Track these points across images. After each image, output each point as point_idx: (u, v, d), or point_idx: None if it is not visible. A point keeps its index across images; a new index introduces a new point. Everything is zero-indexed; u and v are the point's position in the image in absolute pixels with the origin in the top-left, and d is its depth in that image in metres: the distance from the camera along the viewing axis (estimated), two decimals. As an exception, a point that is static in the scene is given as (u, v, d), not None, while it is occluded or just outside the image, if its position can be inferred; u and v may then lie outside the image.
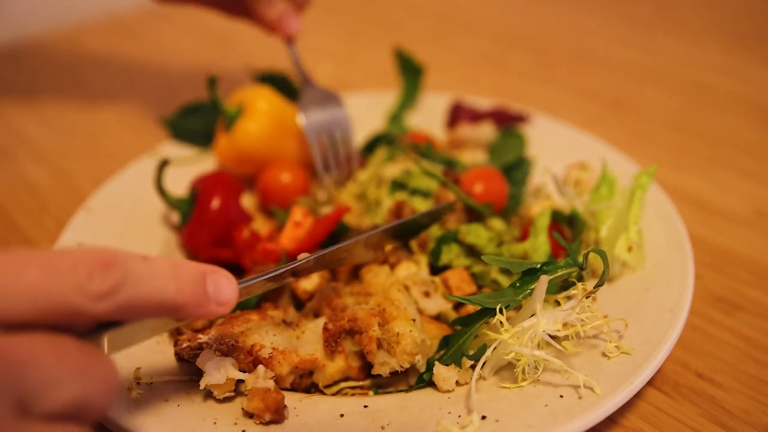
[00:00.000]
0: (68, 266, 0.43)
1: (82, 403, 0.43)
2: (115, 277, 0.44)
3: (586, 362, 0.67)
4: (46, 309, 0.42)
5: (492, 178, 0.94)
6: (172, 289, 0.49)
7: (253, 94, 1.00)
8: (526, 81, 1.48)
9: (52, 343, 0.43)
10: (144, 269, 0.47)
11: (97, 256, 0.44)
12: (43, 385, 0.41)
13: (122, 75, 1.51)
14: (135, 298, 0.46)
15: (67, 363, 0.43)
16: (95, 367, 0.44)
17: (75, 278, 0.43)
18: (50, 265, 0.42)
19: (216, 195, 0.89)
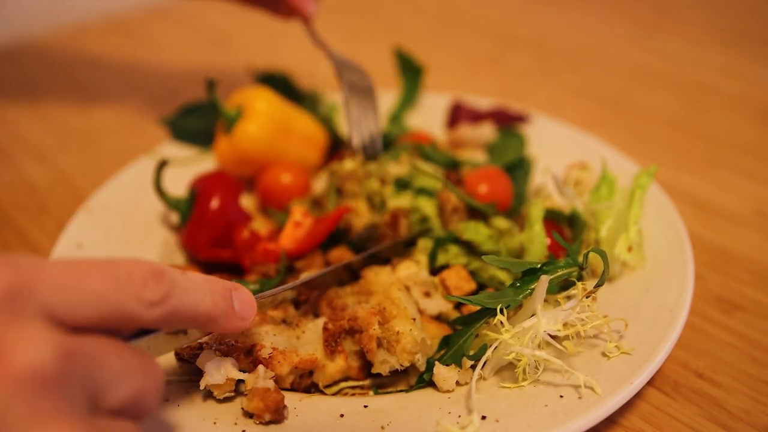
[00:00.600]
0: (126, 275, 0.46)
1: (139, 399, 0.47)
2: (166, 287, 0.48)
3: (586, 362, 0.67)
4: (106, 314, 0.45)
5: (497, 178, 0.94)
6: (209, 302, 0.54)
7: (252, 96, 1.00)
8: (526, 81, 1.48)
9: (112, 344, 0.46)
10: (187, 282, 0.51)
11: (149, 267, 0.48)
12: (109, 380, 0.45)
13: (122, 75, 1.51)
14: (180, 308, 0.50)
15: (127, 361, 0.46)
16: (148, 366, 0.48)
17: (133, 287, 0.47)
18: (111, 274, 0.46)
19: (215, 195, 0.89)
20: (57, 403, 0.40)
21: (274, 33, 1.65)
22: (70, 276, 0.44)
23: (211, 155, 1.06)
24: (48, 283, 0.43)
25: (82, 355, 0.43)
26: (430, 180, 0.91)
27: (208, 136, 1.07)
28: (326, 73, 1.34)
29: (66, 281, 0.44)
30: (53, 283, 0.43)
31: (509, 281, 0.79)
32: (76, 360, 0.42)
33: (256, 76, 1.16)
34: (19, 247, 0.99)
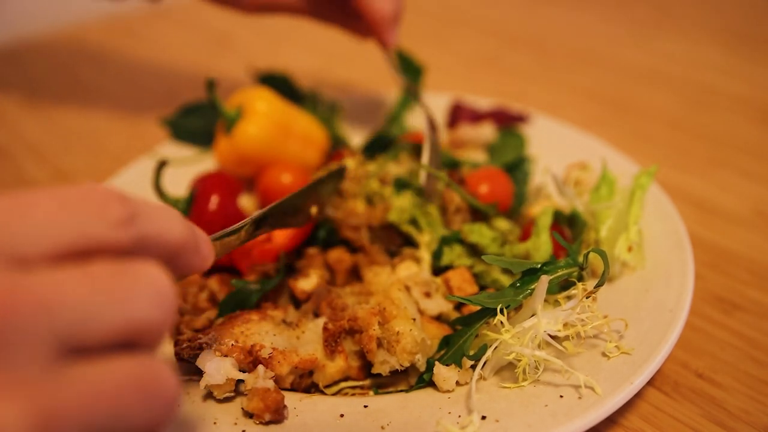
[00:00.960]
0: (80, 198, 0.40)
1: (134, 327, 0.39)
2: (131, 207, 0.42)
3: (586, 362, 0.67)
4: (68, 242, 0.39)
5: (497, 179, 0.94)
6: (178, 228, 0.46)
7: (252, 96, 1.00)
8: (526, 81, 1.48)
9: (80, 272, 0.38)
10: (151, 207, 0.45)
11: (107, 189, 0.42)
12: (77, 321, 0.37)
13: (122, 75, 1.51)
14: (149, 232, 0.43)
15: (102, 292, 0.38)
16: (136, 284, 0.40)
17: (91, 207, 0.40)
18: (61, 198, 0.39)
19: (213, 196, 0.89)
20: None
21: (274, 33, 1.65)
22: (14, 206, 0.38)
23: (211, 155, 1.06)
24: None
25: (32, 293, 0.36)
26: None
27: (208, 136, 1.07)
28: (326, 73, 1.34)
29: (10, 215, 0.37)
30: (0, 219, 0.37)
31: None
32: (24, 305, 0.35)
33: (256, 77, 1.16)
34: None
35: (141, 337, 0.40)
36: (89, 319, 0.37)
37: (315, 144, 1.05)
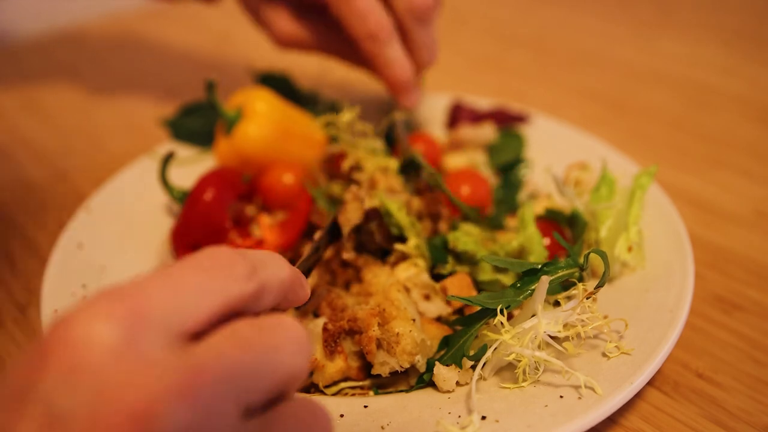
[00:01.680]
0: (214, 263, 0.45)
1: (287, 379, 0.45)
2: (249, 261, 0.47)
3: (586, 362, 0.67)
4: (217, 304, 0.44)
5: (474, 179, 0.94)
6: (285, 269, 0.52)
7: (252, 96, 1.00)
8: (526, 81, 1.48)
9: (234, 336, 0.43)
10: (261, 256, 0.50)
11: (226, 248, 0.47)
12: (248, 386, 0.42)
13: (122, 75, 1.51)
14: (268, 278, 0.48)
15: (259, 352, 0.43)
16: (282, 339, 0.45)
17: (224, 271, 0.45)
18: (201, 266, 0.45)
19: (204, 196, 0.88)
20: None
21: (274, 33, 1.65)
22: (168, 284, 0.42)
23: (211, 155, 1.06)
24: (156, 300, 0.41)
25: (208, 370, 0.40)
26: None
27: (208, 136, 1.07)
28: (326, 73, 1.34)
29: (168, 290, 0.42)
30: (160, 297, 0.41)
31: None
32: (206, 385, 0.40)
33: (256, 77, 1.16)
34: (19, 247, 0.99)
35: (291, 384, 0.46)
36: (256, 380, 0.42)
37: (315, 143, 1.05)
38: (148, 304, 0.40)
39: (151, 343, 0.39)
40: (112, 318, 0.39)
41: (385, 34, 0.94)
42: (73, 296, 0.79)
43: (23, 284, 0.92)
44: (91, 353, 0.38)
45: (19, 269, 0.95)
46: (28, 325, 0.85)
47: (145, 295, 0.41)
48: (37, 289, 0.83)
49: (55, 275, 0.81)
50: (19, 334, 0.84)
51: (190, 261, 0.45)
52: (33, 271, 0.94)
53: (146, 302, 0.41)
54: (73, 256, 0.85)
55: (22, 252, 0.98)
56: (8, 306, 0.88)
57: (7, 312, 0.88)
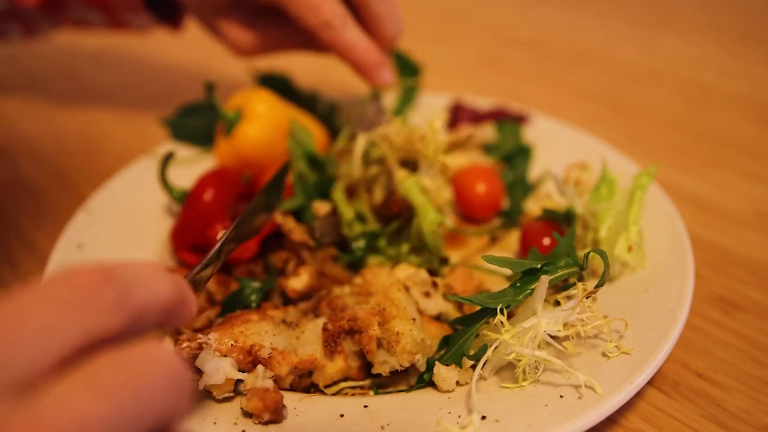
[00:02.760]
0: (69, 292, 0.38)
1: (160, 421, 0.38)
2: (118, 285, 0.39)
3: (586, 362, 0.67)
4: (66, 348, 0.36)
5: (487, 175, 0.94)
6: (166, 288, 0.44)
7: (251, 97, 1.00)
8: (526, 81, 1.48)
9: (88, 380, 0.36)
10: (135, 274, 0.42)
11: (90, 271, 0.39)
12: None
13: (122, 75, 1.51)
14: (143, 303, 0.41)
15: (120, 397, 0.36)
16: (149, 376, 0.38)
17: (82, 300, 0.38)
18: (50, 299, 0.37)
19: (202, 195, 0.88)
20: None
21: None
22: (6, 326, 0.35)
23: (211, 155, 1.06)
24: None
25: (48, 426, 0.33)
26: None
27: (208, 136, 1.07)
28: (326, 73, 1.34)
29: (5, 335, 0.35)
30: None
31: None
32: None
33: (256, 77, 1.16)
34: (19, 247, 0.99)
35: (171, 423, 0.39)
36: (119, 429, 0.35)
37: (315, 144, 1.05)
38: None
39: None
40: None
41: (339, 20, 0.95)
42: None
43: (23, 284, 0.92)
44: None
45: (19, 269, 0.95)
46: (28, 325, 0.85)
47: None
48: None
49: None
50: (18, 334, 0.84)
51: (38, 292, 0.37)
52: (33, 271, 0.93)
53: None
54: (73, 256, 0.85)
55: (22, 252, 0.98)
56: None
57: (6, 312, 0.87)
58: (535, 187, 1.01)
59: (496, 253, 0.82)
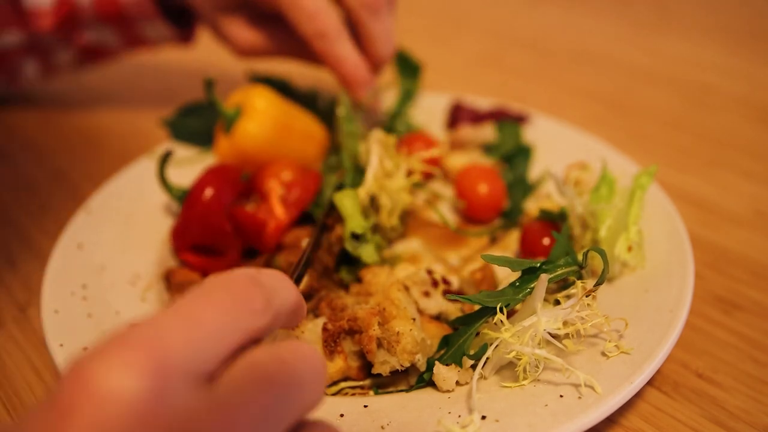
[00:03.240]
0: (232, 297, 0.44)
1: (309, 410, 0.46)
2: (265, 291, 0.46)
3: (586, 362, 0.67)
4: (235, 342, 0.43)
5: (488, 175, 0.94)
6: (294, 292, 0.51)
7: (251, 94, 1.00)
8: (526, 81, 1.48)
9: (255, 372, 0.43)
10: (273, 281, 0.49)
11: (243, 278, 0.46)
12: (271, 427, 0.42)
13: (122, 75, 1.51)
14: (280, 306, 0.48)
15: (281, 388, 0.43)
16: (304, 373, 0.45)
17: (242, 305, 0.44)
18: (219, 304, 0.43)
19: (203, 193, 0.87)
20: None
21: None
22: (186, 325, 0.41)
23: (211, 155, 1.06)
24: (175, 343, 0.39)
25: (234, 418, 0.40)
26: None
27: (208, 136, 1.07)
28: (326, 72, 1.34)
29: (187, 331, 0.40)
30: (179, 340, 0.40)
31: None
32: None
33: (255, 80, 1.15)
34: (19, 247, 0.99)
35: (309, 412, 0.46)
36: (282, 416, 0.42)
37: (314, 140, 1.05)
38: (168, 349, 0.39)
39: (176, 392, 0.38)
40: (135, 368, 0.37)
41: (334, 32, 0.97)
42: (73, 296, 0.79)
43: (23, 284, 0.92)
44: (118, 409, 0.36)
45: (19, 269, 0.95)
46: (28, 325, 0.85)
47: (165, 339, 0.39)
48: (37, 289, 0.82)
49: (55, 275, 0.81)
50: (19, 334, 0.84)
51: (205, 295, 0.43)
52: (33, 271, 0.93)
53: (167, 347, 0.39)
54: (73, 256, 0.85)
55: (22, 252, 0.98)
56: (8, 306, 0.88)
57: (7, 312, 0.88)
58: (535, 187, 1.01)
59: (496, 253, 0.83)
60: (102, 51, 1.24)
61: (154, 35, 1.19)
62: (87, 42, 1.19)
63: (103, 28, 1.17)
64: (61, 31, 1.15)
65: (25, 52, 1.19)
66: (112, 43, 1.21)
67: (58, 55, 1.21)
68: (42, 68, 1.24)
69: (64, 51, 1.21)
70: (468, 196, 0.95)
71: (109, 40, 1.20)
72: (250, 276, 0.46)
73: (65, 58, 1.23)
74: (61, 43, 1.19)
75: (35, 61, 1.22)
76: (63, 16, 1.13)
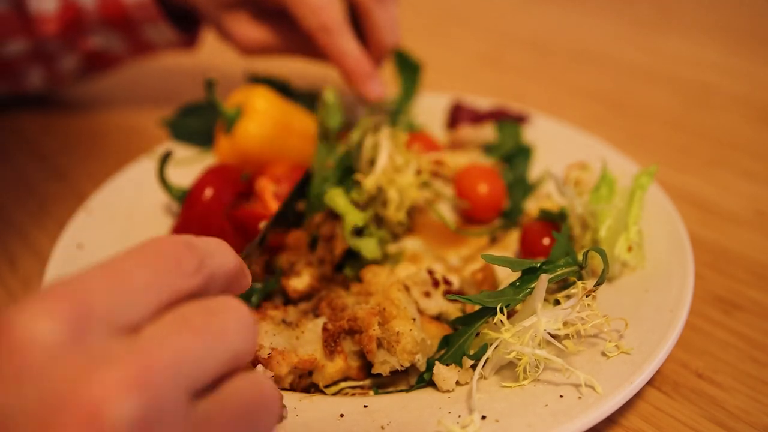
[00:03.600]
0: (160, 258, 0.45)
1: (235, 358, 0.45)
2: (198, 254, 0.47)
3: (586, 362, 0.67)
4: (160, 300, 0.43)
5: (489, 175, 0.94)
6: (232, 258, 0.51)
7: (251, 94, 1.00)
8: (526, 81, 1.48)
9: (180, 321, 0.43)
10: (208, 245, 0.50)
11: (178, 241, 0.47)
12: (198, 370, 0.42)
13: (122, 75, 1.51)
14: (214, 269, 0.48)
15: (207, 336, 0.43)
16: (228, 320, 0.45)
17: (171, 265, 0.45)
18: (149, 262, 0.44)
19: (205, 195, 0.87)
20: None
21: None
22: (112, 280, 0.42)
23: (212, 155, 1.06)
24: (99, 296, 0.40)
25: (158, 359, 0.40)
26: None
27: (208, 136, 1.07)
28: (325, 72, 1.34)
29: (112, 286, 0.41)
30: (103, 293, 0.41)
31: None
32: (157, 373, 0.40)
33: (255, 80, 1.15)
34: (19, 247, 0.99)
35: (238, 364, 0.46)
36: (206, 364, 0.42)
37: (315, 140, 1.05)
38: (91, 301, 0.40)
39: (96, 337, 0.39)
40: (55, 315, 0.38)
41: (336, 26, 0.99)
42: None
43: (23, 284, 0.92)
44: (35, 353, 0.37)
45: (19, 269, 0.95)
46: (28, 325, 0.85)
47: (89, 291, 0.40)
48: (37, 289, 0.82)
49: (55, 275, 0.81)
50: (19, 334, 0.84)
51: (135, 254, 0.44)
52: (33, 271, 0.93)
53: (89, 299, 0.40)
54: (73, 256, 0.85)
55: (22, 252, 0.98)
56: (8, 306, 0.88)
57: (7, 312, 0.87)
58: (535, 187, 1.01)
59: (496, 254, 0.83)
60: (107, 57, 1.23)
61: (159, 39, 1.19)
62: (92, 47, 1.19)
63: (107, 33, 1.17)
64: (67, 35, 1.15)
65: (30, 60, 1.19)
66: (116, 48, 1.21)
67: (63, 61, 1.21)
68: (47, 75, 1.24)
69: (69, 57, 1.21)
70: (468, 196, 0.95)
71: (114, 46, 1.20)
72: (184, 240, 0.47)
73: (70, 64, 1.23)
74: (66, 48, 1.18)
75: (40, 69, 1.22)
76: (68, 20, 1.12)
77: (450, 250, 0.92)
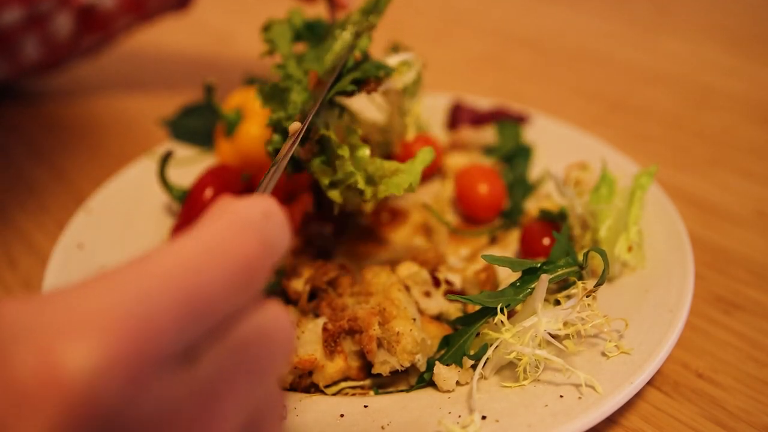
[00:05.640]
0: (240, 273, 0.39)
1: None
2: (269, 260, 0.41)
3: (586, 362, 0.67)
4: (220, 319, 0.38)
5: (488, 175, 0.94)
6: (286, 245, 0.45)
7: (250, 96, 1.00)
8: (526, 81, 1.48)
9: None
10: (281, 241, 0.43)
11: (255, 241, 0.41)
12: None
13: (122, 75, 1.51)
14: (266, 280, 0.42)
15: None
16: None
17: (246, 281, 0.39)
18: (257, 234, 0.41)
19: (205, 195, 0.87)
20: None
21: (274, 33, 1.65)
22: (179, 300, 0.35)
23: (212, 155, 1.06)
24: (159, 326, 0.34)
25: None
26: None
27: (208, 136, 1.07)
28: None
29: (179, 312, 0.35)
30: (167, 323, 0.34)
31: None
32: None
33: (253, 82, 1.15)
34: (19, 247, 0.99)
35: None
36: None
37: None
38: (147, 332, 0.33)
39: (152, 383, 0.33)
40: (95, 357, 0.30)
41: None
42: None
43: (23, 284, 0.92)
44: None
45: (19, 269, 0.95)
46: (28, 325, 0.85)
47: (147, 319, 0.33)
48: (37, 289, 0.83)
49: (55, 275, 0.81)
50: (19, 334, 0.84)
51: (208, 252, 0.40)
52: (33, 271, 0.94)
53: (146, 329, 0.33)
54: (73, 256, 0.85)
55: (22, 252, 0.98)
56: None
57: (7, 312, 0.87)
58: (535, 187, 1.01)
59: (496, 254, 0.83)
60: (100, 16, 1.21)
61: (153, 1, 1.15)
62: (83, 5, 1.17)
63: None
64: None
65: (25, 28, 1.17)
66: (109, 4, 1.18)
67: (57, 21, 1.19)
68: (42, 42, 1.21)
69: (62, 16, 1.18)
70: (468, 196, 0.95)
71: (107, 3, 1.17)
72: (262, 238, 0.41)
73: (64, 25, 1.20)
74: (58, 6, 1.16)
75: (35, 36, 1.19)
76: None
77: (450, 250, 0.92)
